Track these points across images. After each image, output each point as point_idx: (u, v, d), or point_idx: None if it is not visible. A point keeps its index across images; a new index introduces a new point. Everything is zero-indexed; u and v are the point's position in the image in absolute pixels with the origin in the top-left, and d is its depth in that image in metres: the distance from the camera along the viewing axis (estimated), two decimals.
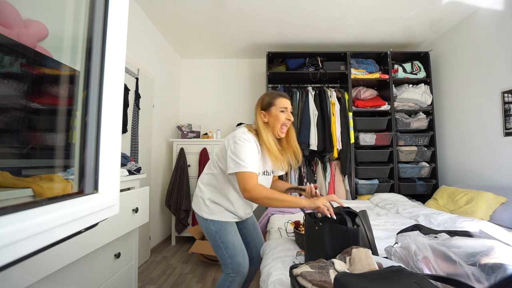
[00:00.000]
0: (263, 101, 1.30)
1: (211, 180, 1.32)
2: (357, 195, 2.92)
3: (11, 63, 0.65)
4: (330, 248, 0.89)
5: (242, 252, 1.29)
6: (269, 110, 1.28)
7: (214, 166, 1.33)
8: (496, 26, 2.27)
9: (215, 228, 1.28)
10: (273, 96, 1.29)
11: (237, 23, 2.76)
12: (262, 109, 1.30)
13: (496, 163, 2.28)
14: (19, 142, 0.70)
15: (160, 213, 3.04)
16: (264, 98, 1.31)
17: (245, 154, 1.16)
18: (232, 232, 1.30)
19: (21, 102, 0.68)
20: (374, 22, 2.74)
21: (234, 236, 1.30)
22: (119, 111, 0.55)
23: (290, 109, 1.30)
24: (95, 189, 0.49)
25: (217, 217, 1.28)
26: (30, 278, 0.82)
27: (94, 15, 0.49)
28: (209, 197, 1.30)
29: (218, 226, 1.28)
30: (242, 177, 1.13)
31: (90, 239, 1.12)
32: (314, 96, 2.92)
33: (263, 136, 1.24)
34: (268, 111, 1.29)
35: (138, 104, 2.43)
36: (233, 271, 1.26)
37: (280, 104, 1.28)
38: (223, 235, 1.27)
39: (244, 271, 1.28)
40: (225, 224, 1.29)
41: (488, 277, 0.69)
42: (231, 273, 1.27)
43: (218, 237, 1.27)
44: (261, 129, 1.25)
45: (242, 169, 1.13)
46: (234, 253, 1.26)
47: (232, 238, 1.28)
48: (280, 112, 1.28)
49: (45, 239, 0.35)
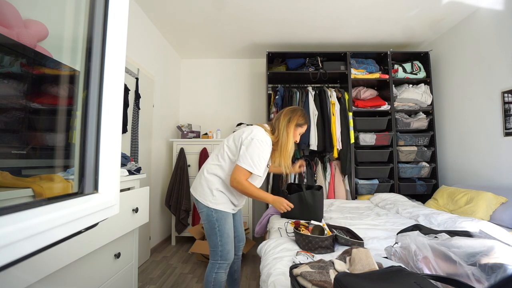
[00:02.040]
0: (301, 118, 1.46)
1: (218, 171, 1.39)
2: (357, 195, 2.92)
3: (11, 63, 0.65)
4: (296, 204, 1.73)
5: (232, 241, 1.40)
6: (296, 129, 1.47)
7: (223, 158, 1.40)
8: (496, 26, 2.27)
9: (217, 216, 1.36)
10: (306, 120, 1.50)
11: (237, 23, 2.76)
12: (296, 125, 1.46)
13: (496, 163, 2.28)
14: (19, 142, 0.70)
15: (160, 213, 3.04)
16: (303, 117, 1.47)
17: (258, 156, 1.30)
18: (230, 223, 1.41)
19: (21, 102, 0.68)
20: (374, 22, 2.74)
21: (230, 226, 1.41)
22: (119, 111, 0.55)
23: None
24: (95, 189, 0.49)
25: (221, 207, 1.37)
26: (30, 278, 0.82)
27: (94, 15, 0.49)
28: (217, 187, 1.37)
29: (220, 216, 1.36)
30: (242, 171, 1.29)
31: (90, 239, 1.12)
32: (314, 96, 2.92)
33: (288, 145, 1.40)
34: (296, 129, 1.47)
35: (138, 104, 2.43)
36: (221, 258, 1.37)
37: (304, 129, 1.51)
38: (222, 224, 1.37)
39: (230, 258, 1.39)
40: (226, 214, 1.39)
41: (488, 277, 0.69)
42: (219, 260, 1.37)
43: (218, 225, 1.36)
44: (288, 139, 1.41)
45: (249, 168, 1.28)
46: (226, 242, 1.37)
47: (229, 228, 1.39)
48: (298, 135, 1.50)
49: (45, 239, 0.35)
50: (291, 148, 1.43)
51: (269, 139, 1.38)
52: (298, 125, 1.47)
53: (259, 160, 1.31)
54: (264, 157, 1.33)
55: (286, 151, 1.40)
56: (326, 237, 1.31)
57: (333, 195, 2.88)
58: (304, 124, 1.49)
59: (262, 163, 1.32)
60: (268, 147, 1.35)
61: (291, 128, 1.43)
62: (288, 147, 1.40)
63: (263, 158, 1.33)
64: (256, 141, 1.32)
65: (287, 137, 1.41)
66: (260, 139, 1.33)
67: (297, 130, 1.47)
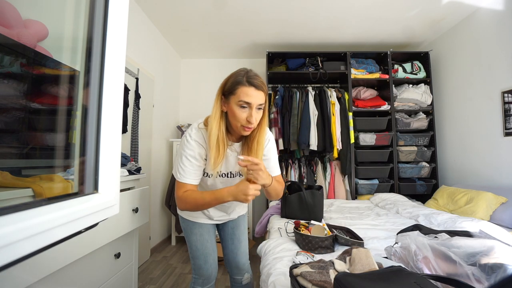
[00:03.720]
0: (227, 82, 0.96)
1: None
2: (357, 195, 2.92)
3: (11, 63, 0.65)
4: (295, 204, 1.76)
5: (204, 256, 1.18)
6: (228, 100, 0.94)
7: None
8: (496, 26, 2.27)
9: (183, 225, 1.22)
10: (237, 80, 0.92)
11: (237, 23, 2.76)
12: (223, 94, 0.97)
13: (496, 163, 2.28)
14: (19, 142, 0.70)
15: (160, 213, 3.04)
16: (229, 79, 0.95)
17: (180, 158, 1.00)
18: (196, 234, 1.18)
19: (21, 102, 0.68)
20: (374, 22, 2.74)
21: (198, 238, 1.18)
22: (119, 111, 0.54)
23: (257, 104, 0.92)
24: (95, 189, 0.49)
25: (184, 215, 1.19)
26: (30, 278, 0.82)
27: (94, 15, 0.49)
28: None
29: (185, 224, 1.21)
30: (176, 185, 1.02)
31: (90, 239, 1.12)
32: (314, 96, 2.92)
33: (211, 123, 0.95)
34: (227, 99, 0.95)
35: (138, 104, 2.43)
36: (194, 272, 1.21)
37: (241, 96, 0.90)
38: (188, 234, 1.20)
39: (205, 275, 1.18)
40: (191, 224, 1.19)
41: (488, 277, 0.69)
42: (193, 274, 1.22)
43: (186, 235, 1.21)
44: (211, 118, 0.96)
45: (176, 176, 1.01)
46: (195, 255, 1.19)
47: (195, 240, 1.18)
48: (239, 107, 0.92)
49: (45, 239, 0.35)
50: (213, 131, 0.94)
51: (199, 133, 1.01)
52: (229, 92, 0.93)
53: (181, 161, 0.99)
54: (187, 155, 0.99)
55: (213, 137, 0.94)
56: (326, 237, 1.31)
57: (333, 195, 2.88)
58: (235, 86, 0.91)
59: (186, 164, 0.98)
60: (189, 142, 0.99)
61: (218, 98, 0.97)
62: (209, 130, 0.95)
63: (185, 157, 0.99)
64: (183, 137, 1.03)
65: (211, 117, 0.97)
66: (187, 134, 1.02)
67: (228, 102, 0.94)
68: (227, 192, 0.93)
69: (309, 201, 1.84)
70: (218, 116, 0.96)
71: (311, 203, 1.84)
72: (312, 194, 1.87)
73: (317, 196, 1.87)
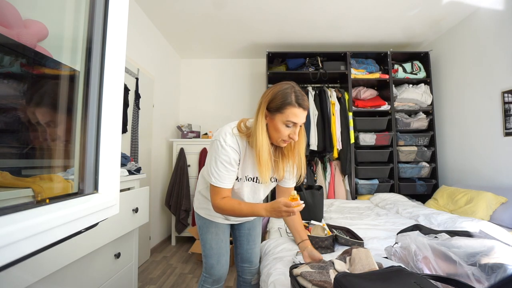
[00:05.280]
0: (274, 99, 0.98)
1: (204, 172, 1.23)
2: (357, 195, 2.92)
3: (11, 63, 0.65)
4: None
5: (217, 255, 1.19)
6: (274, 115, 0.98)
7: None
8: (496, 26, 2.27)
9: (200, 223, 1.23)
10: (286, 101, 0.95)
11: (237, 23, 2.76)
12: (268, 108, 0.99)
13: (496, 163, 2.28)
14: (19, 142, 0.70)
15: (160, 213, 3.04)
16: (277, 96, 0.97)
17: (215, 162, 1.01)
18: (212, 233, 1.20)
19: (21, 102, 0.68)
20: (374, 22, 2.74)
21: (213, 237, 1.20)
22: (119, 111, 0.55)
23: (301, 122, 0.99)
24: (95, 189, 0.49)
25: (202, 213, 1.21)
26: (30, 278, 0.82)
27: (94, 15, 0.49)
28: (199, 189, 1.24)
29: (202, 222, 1.22)
30: (211, 189, 1.03)
31: (90, 239, 1.12)
32: (314, 96, 2.92)
33: (258, 138, 0.97)
34: (272, 115, 0.98)
35: (138, 104, 2.43)
36: (205, 271, 1.22)
37: (289, 116, 0.95)
38: (204, 232, 1.21)
39: (216, 275, 1.20)
40: (208, 222, 1.20)
41: (488, 277, 0.69)
42: (204, 272, 1.23)
43: (201, 233, 1.22)
44: (256, 130, 0.98)
45: (211, 180, 1.01)
46: (208, 254, 1.20)
47: (210, 238, 1.19)
48: (284, 125, 0.97)
49: (45, 239, 0.35)
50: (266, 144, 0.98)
51: (234, 139, 1.02)
52: (275, 109, 0.96)
53: (216, 166, 1.00)
54: (222, 161, 0.99)
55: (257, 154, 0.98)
56: (326, 237, 1.31)
57: (333, 195, 2.88)
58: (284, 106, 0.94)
59: (222, 169, 0.99)
60: (224, 148, 1.00)
61: (262, 111, 0.99)
62: (258, 146, 0.97)
63: (220, 162, 0.99)
64: (216, 142, 1.02)
65: (256, 131, 0.97)
66: (220, 138, 1.01)
67: (273, 118, 0.98)
68: (264, 209, 0.98)
69: (309, 201, 1.83)
70: (264, 131, 1.00)
71: (311, 203, 1.84)
72: (312, 194, 1.87)
73: (317, 196, 1.87)
